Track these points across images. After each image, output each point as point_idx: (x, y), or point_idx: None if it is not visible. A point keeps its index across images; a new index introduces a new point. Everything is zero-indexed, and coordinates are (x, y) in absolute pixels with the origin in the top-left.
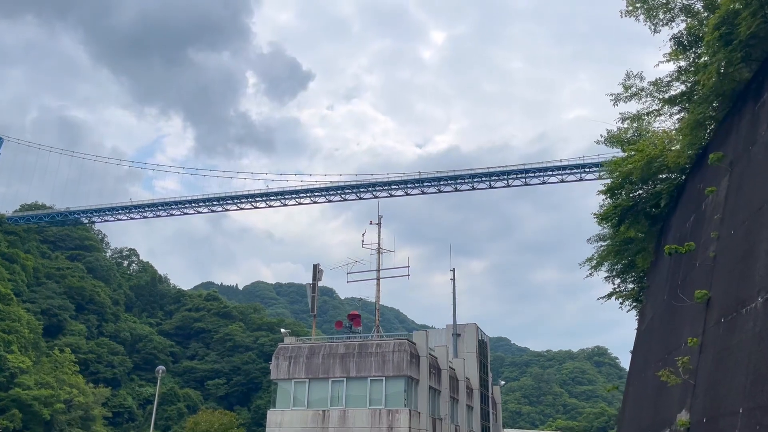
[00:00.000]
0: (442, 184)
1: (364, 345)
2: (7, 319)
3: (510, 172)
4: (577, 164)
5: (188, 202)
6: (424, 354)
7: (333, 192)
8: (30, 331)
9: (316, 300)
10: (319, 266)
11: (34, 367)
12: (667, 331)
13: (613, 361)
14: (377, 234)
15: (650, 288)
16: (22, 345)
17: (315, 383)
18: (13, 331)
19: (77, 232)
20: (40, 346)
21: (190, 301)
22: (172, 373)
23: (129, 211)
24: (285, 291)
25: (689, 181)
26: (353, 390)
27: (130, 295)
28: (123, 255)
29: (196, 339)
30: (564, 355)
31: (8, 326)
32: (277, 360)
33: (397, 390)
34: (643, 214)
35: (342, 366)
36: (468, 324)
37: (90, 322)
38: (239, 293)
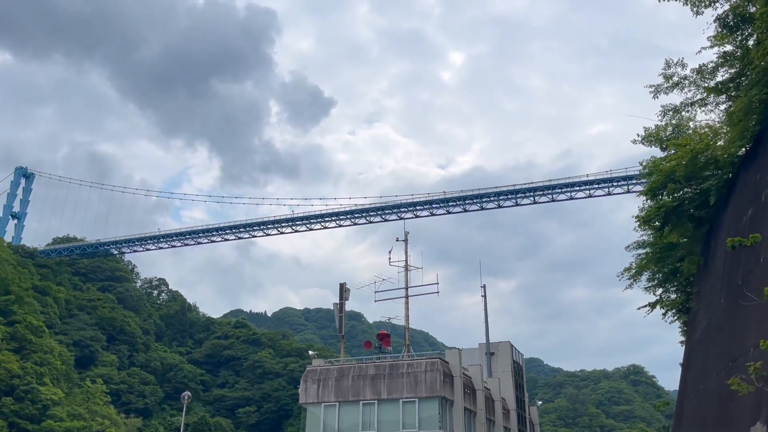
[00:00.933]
0: (467, 203)
1: (395, 365)
2: (39, 351)
3: (536, 188)
4: (604, 179)
5: (215, 230)
6: (458, 373)
7: (358, 215)
8: (62, 362)
9: (344, 320)
10: (345, 285)
11: (66, 399)
12: (729, 337)
13: (650, 379)
14: (404, 251)
15: (701, 294)
16: (54, 377)
17: (345, 407)
18: (45, 363)
19: (108, 264)
20: (72, 377)
21: (219, 329)
22: (203, 402)
23: (157, 241)
24: (313, 317)
25: (742, 173)
26: (385, 413)
27: (160, 325)
28: (153, 285)
29: (226, 367)
30: (599, 375)
31: (40, 358)
32: (305, 383)
33: (431, 412)
34: (687, 217)
35: (372, 388)
36: (501, 342)
37: (121, 352)
38: (268, 320)
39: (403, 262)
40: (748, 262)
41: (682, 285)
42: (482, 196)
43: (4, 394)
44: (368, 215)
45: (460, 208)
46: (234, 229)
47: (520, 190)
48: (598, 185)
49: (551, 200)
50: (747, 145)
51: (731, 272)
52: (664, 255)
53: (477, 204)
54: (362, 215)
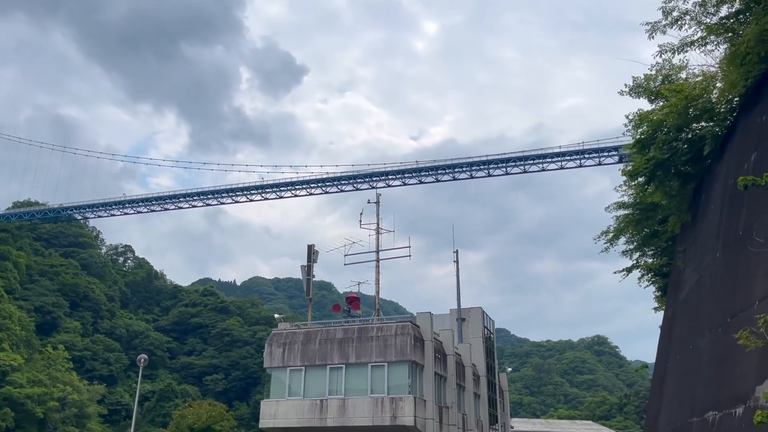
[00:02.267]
0: (439, 173)
1: (364, 329)
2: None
3: (509, 159)
4: (576, 150)
5: (182, 196)
6: (429, 338)
7: (329, 183)
8: (22, 328)
9: (311, 282)
10: (314, 247)
11: (26, 365)
12: (726, 292)
13: (613, 350)
14: (376, 214)
15: (688, 251)
16: (13, 343)
17: (311, 371)
18: (3, 329)
19: (71, 229)
20: (32, 343)
21: (187, 297)
22: (170, 369)
23: (122, 206)
24: (283, 286)
25: (742, 119)
26: (353, 377)
27: (125, 292)
28: (118, 252)
29: (194, 335)
30: (564, 345)
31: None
32: (270, 347)
33: (401, 376)
34: (675, 173)
35: (340, 352)
36: (473, 308)
37: (85, 319)
38: (237, 289)
39: (374, 225)
40: (753, 210)
41: (661, 248)
42: (455, 166)
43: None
44: (340, 184)
45: (432, 177)
46: (202, 196)
47: (492, 161)
48: (570, 157)
49: (523, 171)
50: (749, 88)
51: (729, 223)
52: (644, 216)
53: (449, 174)
54: (334, 184)
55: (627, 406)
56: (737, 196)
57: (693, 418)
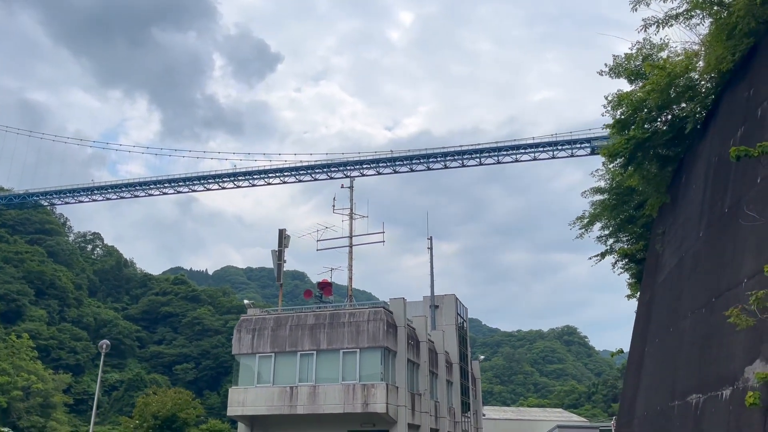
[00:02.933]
0: (414, 163)
1: (336, 315)
2: None
3: (483, 150)
4: (549, 142)
5: (153, 183)
6: (402, 324)
7: (303, 171)
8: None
9: (282, 268)
10: (285, 232)
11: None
12: (711, 270)
13: (582, 339)
14: (350, 199)
15: (667, 233)
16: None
17: (281, 357)
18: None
19: (37, 216)
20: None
21: (157, 285)
22: (139, 359)
23: (91, 192)
24: (256, 275)
25: (726, 94)
26: (324, 364)
27: (94, 280)
28: (87, 239)
29: (164, 323)
30: (534, 335)
31: None
32: (239, 333)
33: (373, 363)
34: (654, 155)
35: (311, 338)
36: (446, 295)
37: (51, 307)
38: (209, 278)
39: (348, 211)
40: (741, 185)
41: (636, 234)
42: (429, 156)
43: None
44: (314, 172)
45: (406, 167)
46: (173, 183)
47: (466, 152)
48: (543, 148)
49: (497, 162)
50: (736, 62)
51: (714, 202)
52: (620, 201)
53: (424, 164)
54: (307, 172)
55: (595, 395)
56: (722, 173)
57: (674, 402)
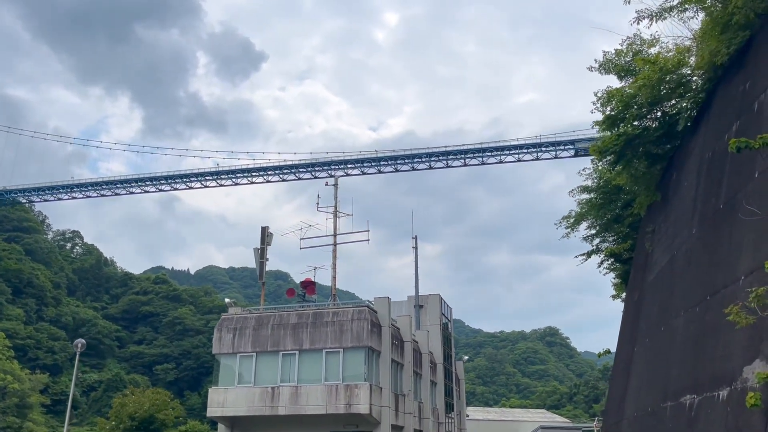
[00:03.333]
0: (399, 163)
1: (319, 314)
2: None
3: (467, 151)
4: (533, 143)
5: (134, 181)
6: (387, 323)
7: (287, 171)
8: None
9: (264, 266)
10: (268, 229)
11: None
12: (706, 267)
13: (564, 341)
14: (334, 196)
15: (657, 231)
16: None
17: (263, 357)
18: None
19: (15, 213)
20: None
21: (138, 284)
22: (119, 359)
23: (71, 190)
24: (238, 275)
25: (720, 89)
26: (307, 364)
27: (73, 279)
28: (66, 237)
29: (144, 323)
30: (516, 336)
31: None
32: (219, 332)
33: (357, 363)
34: (643, 153)
35: (294, 338)
36: (431, 295)
37: (28, 306)
38: (191, 278)
39: (332, 209)
40: (738, 179)
41: (623, 233)
42: (414, 156)
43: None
44: (298, 172)
45: (391, 167)
46: (155, 181)
47: (451, 152)
48: (527, 150)
49: (481, 163)
50: (731, 56)
51: (707, 198)
52: (607, 200)
53: (408, 164)
54: (291, 171)
55: (576, 396)
56: (716, 168)
57: (666, 403)
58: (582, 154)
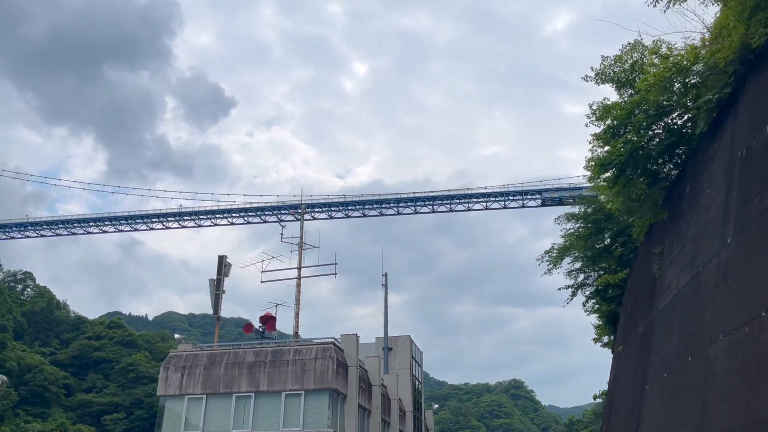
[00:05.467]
0: (366, 208)
1: (279, 351)
2: None
3: (436, 198)
4: (501, 192)
5: (93, 221)
6: (354, 363)
7: (252, 213)
8: None
9: (221, 298)
10: (226, 259)
11: None
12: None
13: (529, 393)
14: (300, 227)
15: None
16: None
17: (214, 400)
18: None
19: None
20: None
21: (91, 329)
22: (65, 408)
23: (24, 228)
24: (198, 322)
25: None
26: (264, 408)
27: (21, 322)
28: (17, 278)
29: (95, 370)
30: (481, 389)
31: None
32: (166, 372)
33: (320, 407)
34: (644, 171)
35: (250, 378)
36: (401, 336)
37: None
38: (149, 324)
39: (298, 239)
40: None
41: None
42: (382, 201)
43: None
44: (263, 214)
45: (359, 212)
46: (114, 221)
47: (420, 198)
48: (495, 198)
49: (449, 210)
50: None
51: (746, 200)
52: (597, 229)
53: (377, 209)
54: (257, 214)
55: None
56: (755, 166)
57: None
58: (549, 203)
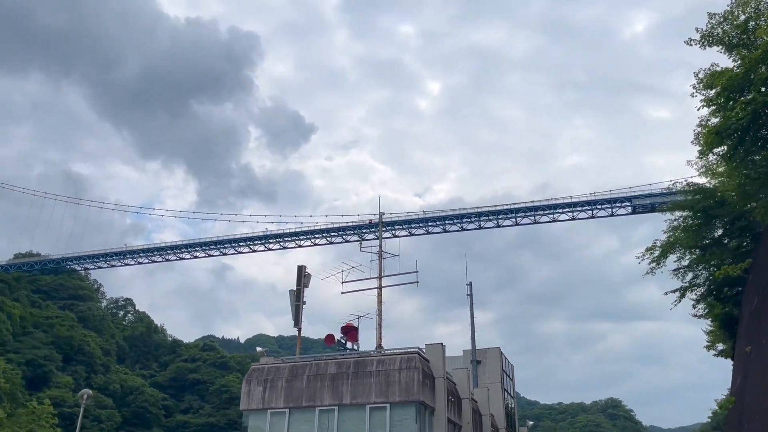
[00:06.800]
0: (447, 223)
1: (362, 362)
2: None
3: (518, 210)
4: (587, 201)
5: (185, 247)
6: (441, 375)
7: (334, 233)
8: (6, 380)
9: (301, 309)
10: (305, 269)
11: (8, 420)
12: None
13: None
14: (378, 234)
15: None
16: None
17: (297, 414)
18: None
19: (71, 281)
20: (17, 397)
21: (186, 352)
22: (165, 428)
23: (123, 257)
24: (287, 344)
25: None
26: (348, 422)
27: (123, 346)
28: (119, 305)
29: (191, 391)
30: (576, 408)
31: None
32: (248, 386)
33: (406, 421)
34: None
35: (333, 390)
36: (490, 349)
37: (78, 373)
38: (240, 346)
39: (377, 248)
40: None
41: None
42: (463, 216)
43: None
44: (344, 233)
45: (440, 228)
46: (204, 246)
47: (501, 211)
48: (581, 208)
49: (533, 222)
50: None
51: None
52: (706, 219)
53: (457, 224)
54: (338, 234)
55: None
56: None
57: None
58: (640, 210)
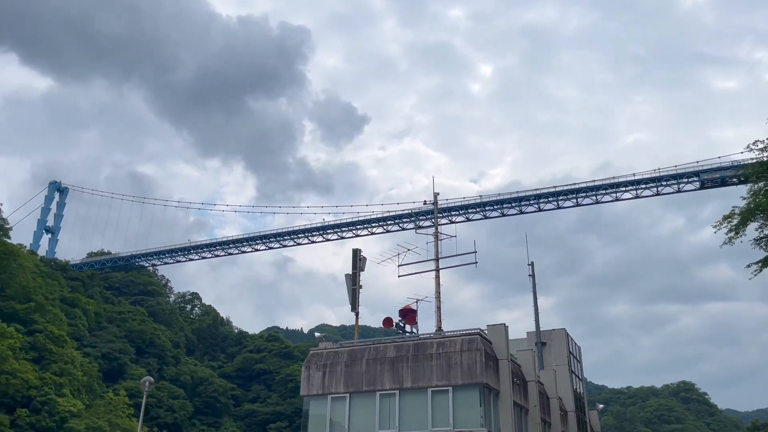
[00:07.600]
0: (505, 207)
1: (422, 345)
2: (60, 362)
3: (579, 190)
4: (652, 177)
5: (246, 240)
6: (505, 356)
7: (390, 221)
8: (84, 373)
9: (358, 293)
10: (360, 252)
11: (86, 411)
12: None
13: (702, 396)
14: (434, 215)
15: None
16: (75, 388)
17: (357, 399)
18: (65, 374)
19: (141, 278)
20: (94, 389)
21: (252, 343)
22: (234, 417)
23: (187, 252)
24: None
25: None
26: (409, 406)
27: (191, 338)
28: (186, 299)
29: (258, 381)
30: (646, 392)
31: (60, 368)
32: (308, 371)
33: (470, 404)
34: None
35: (393, 374)
36: (555, 330)
37: (150, 365)
38: (304, 337)
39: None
40: None
41: None
42: (521, 199)
43: (20, 405)
44: (400, 221)
45: (497, 212)
46: (264, 239)
47: (561, 192)
48: (646, 185)
49: (595, 202)
50: None
51: None
52: None
53: (516, 207)
54: (394, 222)
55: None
56: None
57: None
58: (709, 185)
